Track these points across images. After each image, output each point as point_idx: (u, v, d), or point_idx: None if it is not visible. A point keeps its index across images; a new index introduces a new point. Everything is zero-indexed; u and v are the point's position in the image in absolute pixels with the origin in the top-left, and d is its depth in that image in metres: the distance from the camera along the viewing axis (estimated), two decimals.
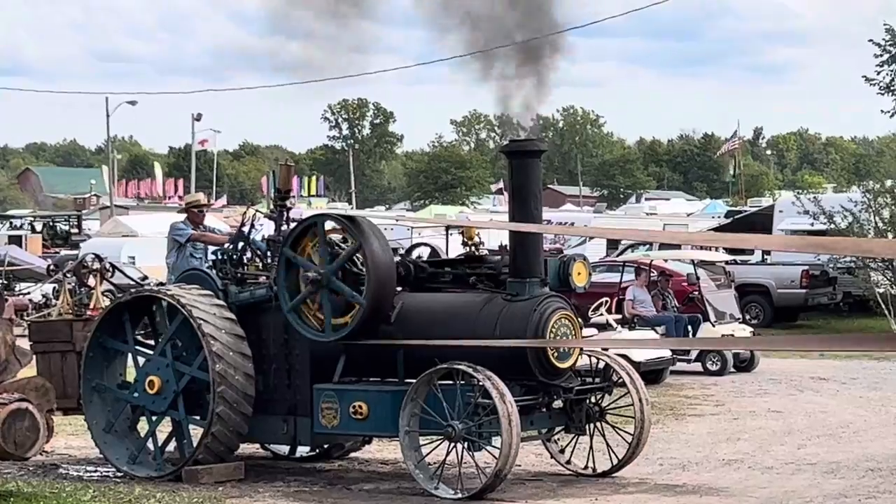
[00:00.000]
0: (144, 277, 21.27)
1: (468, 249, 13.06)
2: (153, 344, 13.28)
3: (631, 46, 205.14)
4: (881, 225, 30.00)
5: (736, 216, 40.85)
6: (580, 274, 12.53)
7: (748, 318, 27.22)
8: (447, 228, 17.97)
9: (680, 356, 20.99)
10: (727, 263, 24.95)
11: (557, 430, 12.85)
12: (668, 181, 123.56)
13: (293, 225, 12.78)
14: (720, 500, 11.81)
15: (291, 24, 13.46)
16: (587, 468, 12.82)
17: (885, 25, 43.26)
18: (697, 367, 21.70)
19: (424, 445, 12.01)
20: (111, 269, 14.71)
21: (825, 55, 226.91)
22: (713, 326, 21.82)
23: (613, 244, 34.92)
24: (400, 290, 12.54)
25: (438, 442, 12.02)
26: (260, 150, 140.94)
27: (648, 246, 29.67)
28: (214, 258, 13.67)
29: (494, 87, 12.55)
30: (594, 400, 12.75)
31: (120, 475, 12.81)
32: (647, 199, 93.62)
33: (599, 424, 12.80)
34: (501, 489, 11.78)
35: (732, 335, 21.13)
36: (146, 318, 13.43)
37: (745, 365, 22.22)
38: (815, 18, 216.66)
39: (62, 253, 42.02)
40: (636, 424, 12.66)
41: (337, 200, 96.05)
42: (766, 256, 31.99)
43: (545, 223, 24.40)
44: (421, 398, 11.88)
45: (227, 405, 12.37)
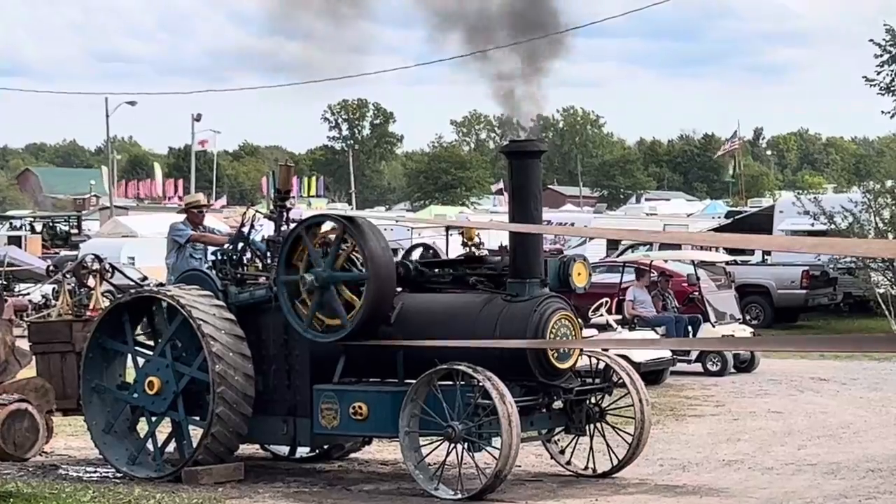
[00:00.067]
0: (144, 278, 21.30)
1: (468, 250, 13.05)
2: (153, 344, 13.27)
3: (631, 47, 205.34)
4: (881, 225, 29.98)
5: (736, 216, 40.84)
6: (580, 274, 12.52)
7: (748, 318, 27.21)
8: (447, 229, 17.93)
9: (680, 357, 20.98)
10: (727, 264, 24.95)
11: (557, 430, 12.82)
12: (668, 181, 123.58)
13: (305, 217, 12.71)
14: (720, 500, 11.80)
15: (291, 24, 13.47)
16: (587, 469, 12.80)
17: (885, 25, 43.17)
18: (697, 367, 21.69)
19: (424, 446, 12.00)
20: (111, 269, 14.72)
21: (825, 56, 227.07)
22: (713, 327, 21.82)
23: (613, 245, 34.91)
24: (400, 290, 12.53)
25: (438, 443, 12.01)
26: (260, 150, 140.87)
27: (648, 246, 29.66)
28: (214, 259, 13.66)
29: (494, 87, 12.55)
30: (594, 400, 12.73)
31: (119, 476, 12.79)
32: (647, 199, 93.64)
33: (599, 425, 12.78)
34: (501, 490, 11.76)
35: (733, 336, 21.09)
36: (146, 318, 13.42)
37: (745, 365, 22.22)
38: (815, 19, 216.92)
39: (62, 253, 42.01)
40: (636, 425, 12.64)
41: (337, 201, 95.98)
42: (766, 257, 31.97)
43: (545, 224, 24.35)
44: (421, 399, 11.87)
45: (226, 406, 12.36)
